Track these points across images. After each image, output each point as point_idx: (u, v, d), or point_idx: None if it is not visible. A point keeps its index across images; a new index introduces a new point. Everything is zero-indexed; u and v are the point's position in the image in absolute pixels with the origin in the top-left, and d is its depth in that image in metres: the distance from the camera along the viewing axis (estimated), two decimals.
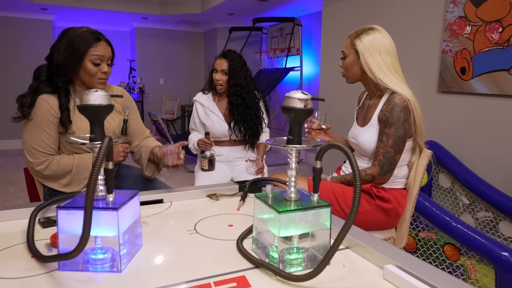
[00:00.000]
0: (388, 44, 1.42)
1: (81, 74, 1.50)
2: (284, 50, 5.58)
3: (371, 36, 1.42)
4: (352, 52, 1.46)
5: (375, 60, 1.40)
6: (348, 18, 3.64)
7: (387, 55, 1.41)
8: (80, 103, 0.80)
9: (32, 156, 1.47)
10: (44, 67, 1.51)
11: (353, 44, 1.45)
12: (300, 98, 0.80)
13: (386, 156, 1.39)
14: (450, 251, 2.00)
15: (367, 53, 1.41)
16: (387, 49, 1.41)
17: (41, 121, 1.46)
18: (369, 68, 1.41)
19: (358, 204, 0.74)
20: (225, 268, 0.83)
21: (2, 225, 1.06)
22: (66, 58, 1.46)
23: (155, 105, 7.29)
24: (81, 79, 1.53)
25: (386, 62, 1.41)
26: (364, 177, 1.41)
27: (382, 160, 1.39)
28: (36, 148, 1.46)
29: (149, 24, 7.16)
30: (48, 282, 0.76)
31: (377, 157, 1.41)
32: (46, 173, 1.48)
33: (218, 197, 1.33)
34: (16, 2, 5.48)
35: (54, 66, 1.48)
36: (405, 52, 2.99)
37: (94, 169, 0.70)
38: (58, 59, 1.47)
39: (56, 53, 1.48)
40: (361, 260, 0.88)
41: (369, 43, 1.41)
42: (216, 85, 2.19)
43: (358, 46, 1.43)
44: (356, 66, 1.46)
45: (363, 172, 1.42)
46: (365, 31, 1.44)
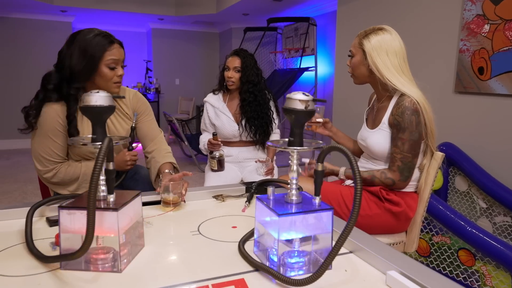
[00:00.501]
0: (396, 45, 1.39)
1: (97, 79, 1.45)
2: (298, 50, 5.55)
3: (380, 37, 1.39)
4: (359, 51, 1.44)
5: (382, 60, 1.38)
6: (363, 18, 3.59)
7: (394, 56, 1.38)
8: (81, 104, 0.81)
9: (40, 164, 1.48)
10: (53, 74, 1.44)
11: (361, 44, 1.43)
12: (301, 100, 0.79)
13: (404, 162, 1.36)
14: (465, 256, 1.94)
15: (375, 53, 1.38)
16: (395, 50, 1.38)
17: (47, 130, 1.43)
18: (376, 68, 1.39)
19: (358, 207, 0.73)
20: (225, 270, 0.82)
21: (8, 223, 1.08)
22: (82, 65, 1.40)
23: (170, 105, 7.36)
24: (96, 85, 1.47)
25: (394, 63, 1.38)
26: (384, 180, 1.38)
27: (401, 166, 1.37)
28: (44, 156, 1.46)
29: (165, 25, 7.23)
30: (50, 280, 0.77)
31: (395, 163, 1.37)
32: (54, 180, 1.49)
33: (224, 198, 1.33)
34: (36, 4, 5.62)
35: (67, 73, 1.40)
36: (421, 52, 2.93)
37: (95, 169, 0.70)
38: (73, 66, 1.40)
39: (68, 60, 1.40)
40: (364, 265, 0.86)
41: (377, 43, 1.39)
42: (227, 82, 2.18)
43: (366, 46, 1.40)
44: (363, 66, 1.44)
45: (383, 175, 1.39)
46: (374, 31, 1.41)
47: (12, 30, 6.07)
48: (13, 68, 6.02)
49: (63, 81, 1.42)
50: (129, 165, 1.54)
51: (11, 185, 4.12)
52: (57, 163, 1.48)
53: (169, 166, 1.56)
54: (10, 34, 6.05)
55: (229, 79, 2.17)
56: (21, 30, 6.12)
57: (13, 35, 6.06)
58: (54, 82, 1.42)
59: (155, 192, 1.25)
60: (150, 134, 1.67)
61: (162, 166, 1.54)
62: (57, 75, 1.43)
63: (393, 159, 1.38)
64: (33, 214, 1.01)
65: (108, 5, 6.04)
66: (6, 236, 1.00)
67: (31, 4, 5.55)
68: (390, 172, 1.39)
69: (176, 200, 1.20)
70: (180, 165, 5.20)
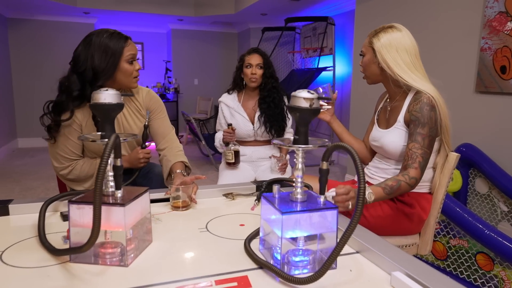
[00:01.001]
0: (407, 42, 1.36)
1: (118, 75, 1.48)
2: (316, 50, 5.51)
3: (389, 35, 1.37)
4: (369, 50, 1.42)
5: (392, 57, 1.35)
6: (381, 17, 3.54)
7: (405, 53, 1.36)
8: (91, 102, 0.83)
9: (57, 161, 1.53)
10: (73, 78, 1.44)
11: (370, 43, 1.41)
12: (305, 98, 0.79)
13: (425, 158, 1.31)
14: (483, 260, 1.89)
15: (384, 51, 1.36)
16: (406, 47, 1.36)
17: (65, 129, 1.49)
18: (386, 65, 1.36)
19: (362, 206, 0.72)
20: (229, 267, 0.83)
21: (25, 217, 1.12)
22: (105, 63, 1.43)
23: (189, 105, 7.43)
24: (117, 82, 1.50)
25: (405, 60, 1.35)
26: (409, 181, 1.30)
27: (422, 162, 1.31)
28: (60, 153, 1.51)
29: (184, 25, 7.31)
30: (59, 272, 0.80)
31: (416, 159, 1.31)
32: (70, 177, 1.54)
33: (234, 196, 1.34)
34: (60, 7, 5.77)
35: (90, 75, 1.43)
36: (440, 51, 2.86)
37: (101, 165, 0.72)
38: (96, 66, 1.42)
39: (89, 62, 1.42)
40: (370, 266, 0.85)
41: (387, 41, 1.37)
42: (251, 79, 2.17)
43: (375, 44, 1.38)
44: (373, 64, 1.42)
45: (406, 176, 1.30)
46: (383, 29, 1.39)
47: (37, 32, 6.27)
48: (37, 68, 6.21)
49: (86, 83, 1.44)
50: (142, 162, 1.57)
51: (34, 181, 4.25)
52: (72, 160, 1.53)
53: (181, 165, 1.57)
54: (35, 35, 6.25)
55: (252, 76, 2.17)
56: (46, 31, 6.30)
57: (38, 37, 6.26)
58: (77, 88, 1.45)
59: (166, 189, 1.27)
60: (162, 131, 1.69)
61: (173, 165, 1.56)
62: (78, 79, 1.45)
63: (413, 156, 1.31)
64: (46, 209, 1.05)
65: (129, 7, 6.16)
66: (22, 229, 1.03)
67: (55, 6, 5.71)
68: (412, 170, 1.31)
69: (186, 204, 1.22)
70: (197, 164, 5.26)
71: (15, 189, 3.96)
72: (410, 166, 1.31)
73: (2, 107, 5.66)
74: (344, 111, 5.13)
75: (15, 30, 6.17)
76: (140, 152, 1.56)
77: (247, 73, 2.19)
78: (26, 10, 6.01)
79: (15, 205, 1.14)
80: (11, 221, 1.11)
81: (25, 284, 0.75)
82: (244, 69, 2.20)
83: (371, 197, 1.24)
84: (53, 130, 1.47)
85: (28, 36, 6.23)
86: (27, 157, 5.51)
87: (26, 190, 3.95)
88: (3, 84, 5.81)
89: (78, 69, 1.44)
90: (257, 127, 2.20)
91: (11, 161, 5.28)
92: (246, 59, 2.21)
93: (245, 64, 2.21)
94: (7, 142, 5.82)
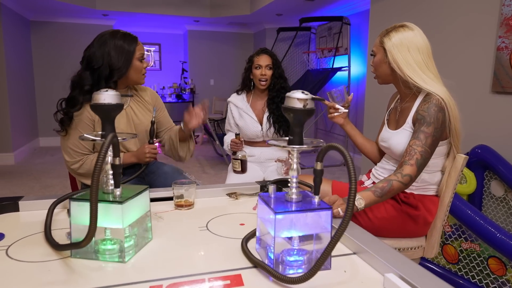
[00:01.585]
0: (419, 41, 1.34)
1: (131, 72, 1.61)
2: (331, 50, 5.47)
3: (401, 34, 1.35)
4: (380, 50, 1.40)
5: (403, 56, 1.33)
6: (397, 16, 3.49)
7: (417, 52, 1.33)
8: (92, 102, 0.85)
9: (68, 156, 1.59)
10: (85, 75, 1.54)
11: (381, 42, 1.39)
12: (299, 98, 0.79)
13: (423, 156, 1.28)
14: (495, 265, 1.84)
15: (395, 50, 1.34)
16: (418, 46, 1.33)
17: (77, 124, 1.56)
18: (397, 65, 1.34)
19: (352, 210, 0.72)
20: (225, 265, 0.84)
21: (34, 213, 1.16)
22: (121, 61, 1.55)
23: None
24: (128, 78, 1.62)
25: (416, 59, 1.33)
26: (402, 179, 1.26)
27: (420, 160, 1.27)
28: (72, 148, 1.58)
29: (200, 26, 7.38)
30: (60, 267, 0.83)
31: (413, 156, 1.27)
32: (80, 171, 1.60)
33: (238, 196, 1.35)
34: (80, 9, 5.92)
35: (106, 72, 1.54)
36: (456, 50, 2.80)
37: (97, 164, 0.74)
38: (112, 63, 1.54)
39: (106, 59, 1.53)
40: (365, 267, 0.85)
41: (398, 40, 1.34)
42: (260, 80, 2.17)
43: (386, 44, 1.36)
44: (384, 64, 1.40)
45: (399, 174, 1.27)
46: (395, 29, 1.37)
47: (58, 34, 6.45)
48: (57, 69, 6.38)
49: (101, 79, 1.55)
50: (148, 157, 1.62)
51: (53, 179, 4.37)
52: (83, 155, 1.59)
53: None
54: (56, 37, 6.43)
55: (262, 77, 2.17)
56: (66, 33, 6.48)
57: (59, 38, 6.44)
58: (89, 83, 1.54)
59: (170, 188, 1.29)
60: (166, 125, 1.87)
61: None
62: (92, 75, 1.55)
63: (411, 152, 1.28)
64: (55, 207, 1.08)
65: (147, 9, 6.27)
66: (30, 225, 1.07)
67: (75, 9, 5.86)
68: (407, 167, 1.27)
69: (189, 203, 1.24)
70: (211, 163, 5.31)
71: (35, 187, 4.08)
72: (406, 163, 1.28)
73: (25, 107, 5.84)
74: (359, 111, 5.08)
75: (37, 32, 6.36)
76: (146, 147, 1.62)
77: (256, 74, 2.19)
78: (48, 13, 6.19)
79: (25, 202, 1.19)
80: (20, 217, 1.15)
81: (26, 277, 0.78)
82: (254, 71, 2.20)
83: (361, 203, 1.22)
84: (66, 123, 1.55)
85: (49, 38, 6.42)
86: (47, 156, 5.67)
87: (45, 187, 4.06)
88: (26, 84, 6.00)
89: (93, 66, 1.54)
90: (266, 128, 2.20)
91: (32, 160, 5.44)
92: (255, 60, 2.20)
93: (254, 65, 2.20)
94: (29, 141, 6.00)
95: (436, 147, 1.31)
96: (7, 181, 4.31)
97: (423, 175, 1.38)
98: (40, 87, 6.40)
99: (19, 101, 5.53)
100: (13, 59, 5.32)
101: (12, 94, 5.22)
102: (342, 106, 1.59)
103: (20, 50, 5.78)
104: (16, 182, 4.26)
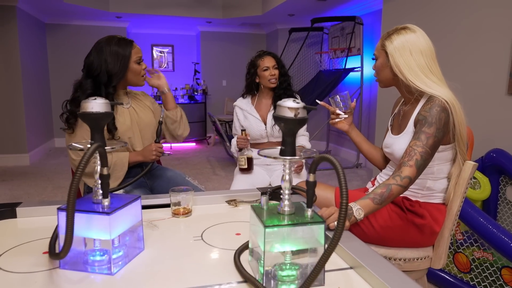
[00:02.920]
0: (422, 44, 1.29)
1: (129, 75, 1.66)
2: (344, 50, 5.39)
3: (403, 36, 1.30)
4: (382, 53, 1.36)
5: (405, 60, 1.28)
6: (409, 15, 3.40)
7: (420, 55, 1.28)
8: (80, 110, 0.84)
9: (75, 154, 1.60)
10: (87, 81, 1.59)
11: (383, 46, 1.35)
12: (290, 107, 0.76)
13: (423, 157, 1.22)
14: (509, 275, 1.76)
15: (397, 54, 1.29)
16: (421, 49, 1.28)
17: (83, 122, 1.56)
18: (399, 69, 1.30)
19: (343, 222, 0.68)
20: (216, 279, 0.82)
21: (32, 220, 1.16)
22: (117, 66, 1.59)
23: (217, 106, 7.49)
24: (128, 81, 1.68)
25: (419, 62, 1.28)
26: (401, 182, 1.21)
27: (420, 161, 1.22)
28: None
29: (213, 27, 7.38)
30: (47, 278, 0.81)
31: (413, 156, 1.22)
32: (88, 169, 1.59)
33: (237, 203, 1.32)
34: (94, 12, 6.00)
35: (105, 78, 1.58)
36: (471, 51, 2.71)
37: (75, 176, 0.72)
38: (110, 69, 1.58)
39: (103, 66, 1.58)
40: (361, 284, 0.81)
41: (400, 43, 1.30)
42: (270, 81, 2.21)
43: (388, 47, 1.32)
44: (386, 68, 1.35)
45: (398, 177, 1.22)
46: (396, 31, 1.33)
47: (72, 36, 6.55)
48: (72, 71, 6.41)
49: (101, 84, 1.59)
50: (154, 155, 1.65)
51: (66, 180, 4.43)
52: None
53: None
54: (71, 39, 6.53)
55: (272, 77, 2.21)
56: (80, 36, 6.57)
57: (73, 41, 6.53)
58: (91, 88, 1.59)
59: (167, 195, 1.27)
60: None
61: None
62: (92, 81, 1.59)
63: (411, 153, 1.23)
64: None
65: (160, 10, 6.30)
66: (26, 232, 1.07)
67: (89, 11, 5.94)
68: (406, 168, 1.21)
69: (187, 211, 1.21)
70: (222, 165, 5.31)
71: (48, 188, 4.15)
72: (405, 164, 1.22)
73: (40, 109, 5.95)
74: (371, 113, 4.99)
75: (53, 35, 6.47)
76: (153, 145, 1.66)
77: (265, 75, 2.21)
78: (63, 15, 6.29)
79: (23, 208, 1.18)
80: (17, 223, 1.15)
81: None
82: (262, 73, 2.23)
83: (361, 213, 1.17)
84: (71, 122, 1.59)
85: (64, 40, 6.52)
86: (62, 157, 5.76)
87: (57, 188, 4.12)
88: (42, 86, 6.11)
89: (93, 74, 1.59)
90: (270, 125, 2.22)
91: (46, 160, 5.54)
92: (260, 64, 2.24)
93: (261, 68, 2.23)
94: (45, 141, 6.11)
95: (437, 149, 1.25)
96: (22, 181, 4.39)
97: (428, 182, 1.33)
98: (55, 88, 6.50)
99: (34, 103, 5.63)
100: (28, 61, 5.42)
101: (28, 96, 5.32)
102: (343, 112, 1.54)
103: (36, 52, 5.89)
104: (29, 182, 4.34)
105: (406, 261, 1.35)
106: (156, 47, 7.58)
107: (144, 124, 1.74)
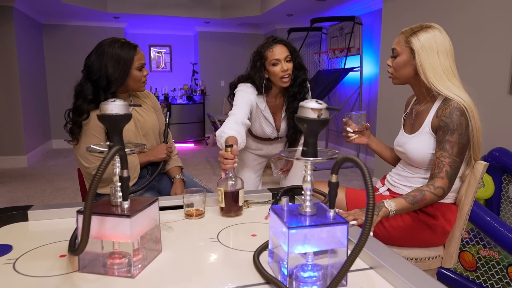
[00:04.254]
0: (447, 44, 1.28)
1: (129, 82, 1.59)
2: (343, 50, 5.41)
3: (430, 34, 1.27)
4: (406, 50, 1.31)
5: (431, 61, 1.26)
6: (410, 15, 3.42)
7: (446, 56, 1.27)
8: (99, 113, 0.83)
9: (87, 162, 1.57)
10: (87, 86, 1.54)
11: (408, 42, 1.30)
12: (313, 108, 0.76)
13: (453, 167, 1.24)
14: None
15: (424, 53, 1.27)
16: (447, 50, 1.27)
17: (92, 129, 1.55)
18: (423, 70, 1.27)
19: (371, 222, 0.68)
20: (236, 281, 0.81)
21: (44, 223, 1.15)
22: (118, 72, 1.53)
23: (215, 106, 7.49)
24: (128, 87, 1.62)
25: (444, 64, 1.27)
26: (434, 191, 1.23)
27: (450, 172, 1.24)
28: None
29: (211, 28, 7.37)
30: (67, 282, 0.80)
31: (442, 168, 1.24)
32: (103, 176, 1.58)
33: (249, 204, 1.32)
34: (91, 12, 5.97)
35: (104, 83, 1.53)
36: (471, 50, 2.73)
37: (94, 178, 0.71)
38: (109, 75, 1.52)
39: (103, 70, 1.52)
40: (383, 284, 0.81)
41: (428, 41, 1.27)
42: (282, 79, 1.74)
43: (415, 44, 1.28)
44: (409, 66, 1.32)
45: (431, 186, 1.24)
46: (422, 29, 1.29)
47: (70, 37, 6.51)
48: (70, 72, 6.41)
49: (100, 89, 1.54)
50: (165, 153, 1.69)
51: (66, 182, 4.40)
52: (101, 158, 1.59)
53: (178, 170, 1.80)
54: (68, 40, 6.50)
55: (284, 73, 1.73)
56: (78, 36, 6.53)
57: (71, 41, 6.50)
58: (91, 93, 1.55)
59: (179, 196, 1.27)
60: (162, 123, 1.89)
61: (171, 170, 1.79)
62: (92, 86, 1.55)
63: (440, 164, 1.24)
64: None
65: (158, 11, 6.28)
66: (39, 235, 1.06)
67: (86, 12, 5.90)
68: (438, 180, 1.24)
69: (199, 212, 1.21)
70: None
71: (47, 190, 4.12)
72: (437, 176, 1.25)
73: (38, 110, 5.91)
74: (371, 114, 5.01)
75: (50, 36, 6.43)
76: (163, 144, 1.71)
77: (276, 72, 1.73)
78: (60, 16, 6.25)
79: (34, 211, 1.17)
80: (29, 227, 1.14)
81: None
82: (271, 68, 1.74)
83: (392, 205, 1.21)
84: (75, 132, 1.55)
85: (61, 41, 6.48)
86: (60, 158, 5.73)
87: (57, 190, 4.09)
88: (39, 87, 6.07)
89: (92, 77, 1.54)
90: (283, 131, 1.91)
91: (44, 162, 5.50)
92: (269, 55, 1.74)
93: (269, 61, 1.74)
94: (42, 143, 6.06)
95: (465, 153, 1.26)
96: (20, 183, 4.36)
97: None
98: (52, 89, 6.46)
99: (32, 104, 5.59)
100: (25, 62, 5.38)
101: (25, 97, 5.28)
102: (354, 132, 1.55)
103: (33, 53, 5.84)
104: (28, 185, 4.30)
105: (418, 261, 1.35)
106: (154, 47, 7.56)
107: (148, 128, 1.71)
